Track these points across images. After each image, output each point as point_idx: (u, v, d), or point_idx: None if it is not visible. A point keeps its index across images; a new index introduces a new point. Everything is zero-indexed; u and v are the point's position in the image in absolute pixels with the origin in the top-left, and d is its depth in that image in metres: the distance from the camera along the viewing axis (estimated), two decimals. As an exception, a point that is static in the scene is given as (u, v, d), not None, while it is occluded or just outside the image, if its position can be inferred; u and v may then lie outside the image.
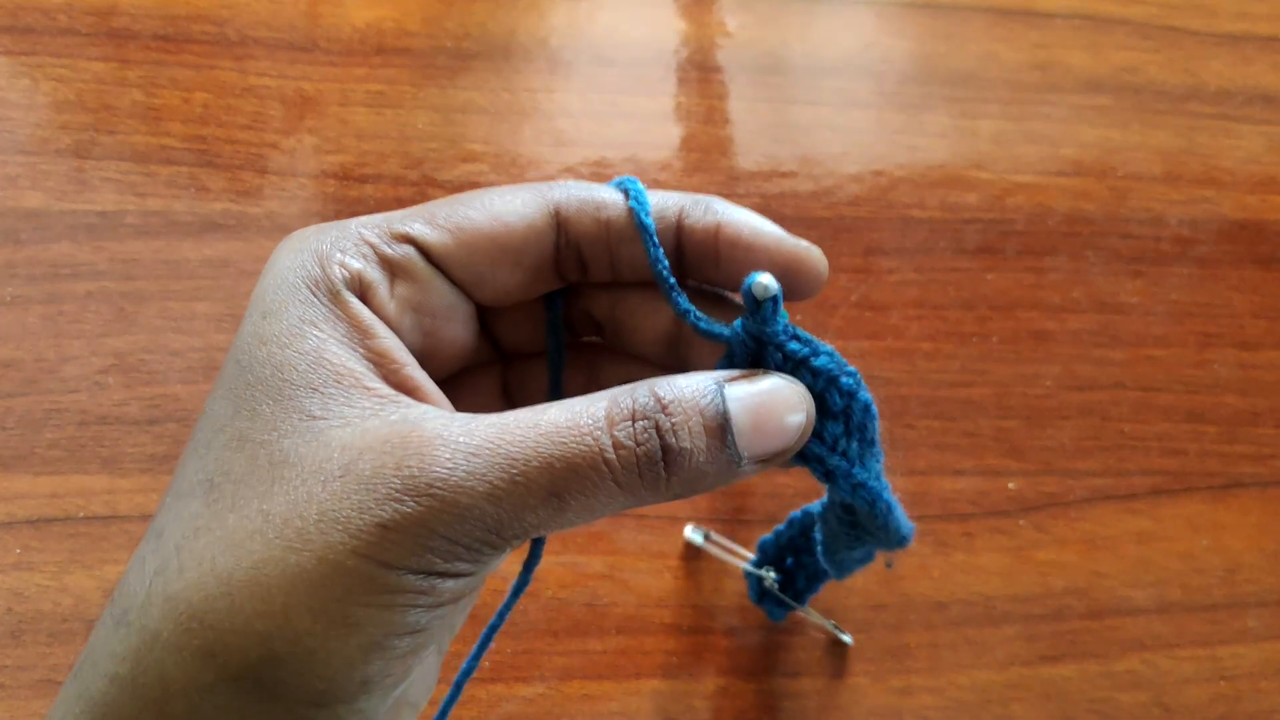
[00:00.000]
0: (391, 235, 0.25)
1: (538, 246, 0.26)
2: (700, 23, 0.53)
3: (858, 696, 0.41)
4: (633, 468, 0.22)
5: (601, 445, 0.22)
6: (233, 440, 0.23)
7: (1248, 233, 0.51)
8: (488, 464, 0.21)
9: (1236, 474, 0.47)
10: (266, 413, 0.23)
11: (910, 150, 0.51)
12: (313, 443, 0.22)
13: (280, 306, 0.24)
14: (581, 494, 0.22)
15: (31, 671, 0.39)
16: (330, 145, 0.48)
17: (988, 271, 0.49)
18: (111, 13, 0.49)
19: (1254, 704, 0.43)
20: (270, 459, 0.22)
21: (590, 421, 0.22)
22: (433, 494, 0.21)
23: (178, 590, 0.22)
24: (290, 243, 0.25)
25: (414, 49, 0.50)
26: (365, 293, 0.24)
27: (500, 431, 0.22)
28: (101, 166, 0.46)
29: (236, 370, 0.23)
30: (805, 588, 0.40)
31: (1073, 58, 0.54)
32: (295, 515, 0.21)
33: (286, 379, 0.23)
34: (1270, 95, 0.54)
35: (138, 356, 0.44)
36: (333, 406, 0.23)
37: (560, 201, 0.26)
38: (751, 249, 0.26)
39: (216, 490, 0.22)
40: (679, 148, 0.50)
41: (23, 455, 0.42)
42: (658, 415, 0.23)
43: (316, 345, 0.23)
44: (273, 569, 0.21)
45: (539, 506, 0.22)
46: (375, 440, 0.22)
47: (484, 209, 0.26)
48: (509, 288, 0.27)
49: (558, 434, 0.22)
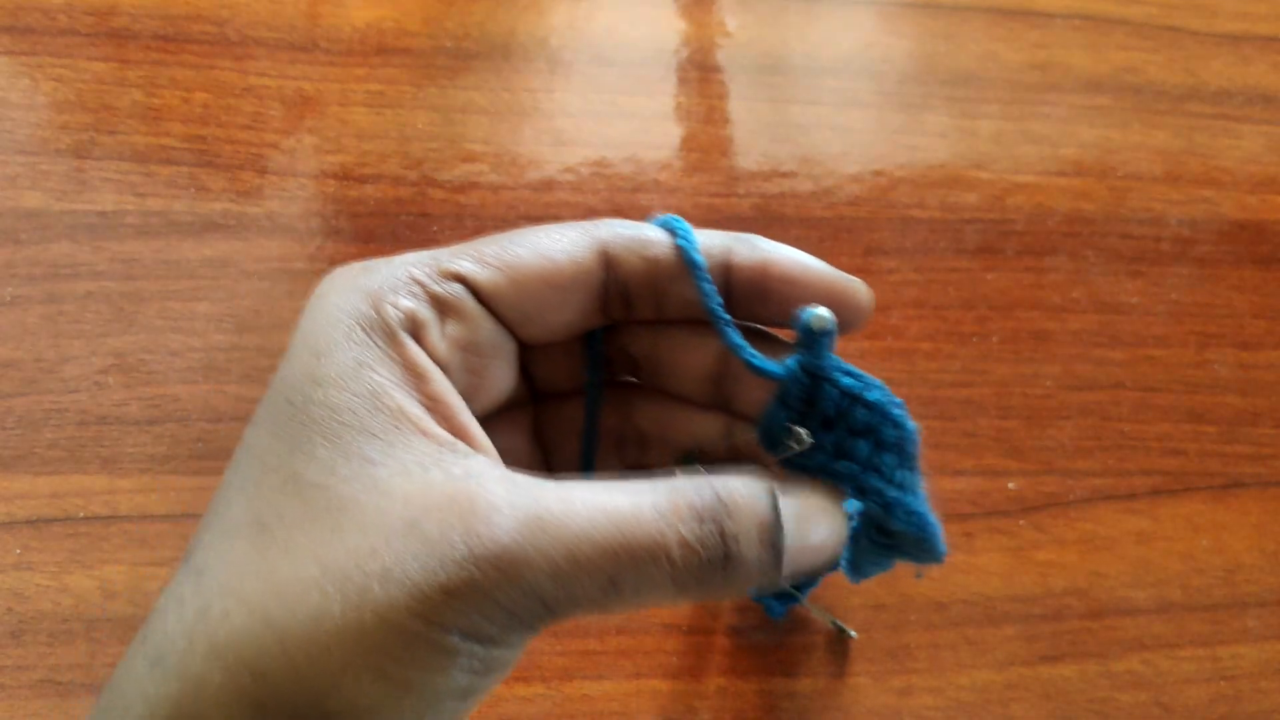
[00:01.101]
0: (440, 273, 0.25)
1: (586, 285, 0.26)
2: (700, 23, 0.53)
3: (858, 696, 0.41)
4: (694, 569, 0.22)
5: (667, 541, 0.22)
6: (286, 482, 0.22)
7: (1248, 233, 0.51)
8: (553, 541, 0.21)
9: (1237, 474, 0.47)
10: (323, 455, 0.22)
11: (910, 150, 0.51)
12: (372, 491, 0.22)
13: (333, 346, 0.23)
14: (637, 584, 0.22)
15: (31, 671, 0.39)
16: (330, 145, 0.48)
17: (988, 271, 0.49)
18: (111, 13, 0.49)
19: (1254, 704, 0.43)
20: (327, 505, 0.22)
21: (656, 515, 0.22)
22: (498, 564, 0.21)
23: (225, 636, 0.21)
24: (336, 281, 0.25)
25: (414, 49, 0.50)
26: (417, 332, 0.24)
27: (567, 508, 0.22)
28: (101, 166, 0.46)
29: (288, 409, 0.23)
30: (806, 581, 0.40)
31: (1073, 58, 0.54)
32: (355, 569, 0.21)
33: (344, 421, 0.22)
34: (1270, 95, 0.54)
35: (138, 356, 0.44)
36: (391, 452, 0.22)
37: (607, 240, 0.26)
38: (801, 284, 0.26)
39: (268, 533, 0.22)
40: (679, 148, 0.50)
41: (23, 455, 0.42)
42: (724, 520, 0.23)
43: (374, 388, 0.23)
44: (330, 624, 0.20)
45: (595, 590, 0.22)
46: (440, 498, 0.21)
47: (532, 247, 0.25)
48: (555, 326, 0.27)
49: (624, 522, 0.22)
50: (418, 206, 0.47)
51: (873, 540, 0.31)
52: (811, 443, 0.26)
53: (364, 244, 0.46)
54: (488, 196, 0.48)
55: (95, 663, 0.40)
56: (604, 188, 0.49)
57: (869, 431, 0.26)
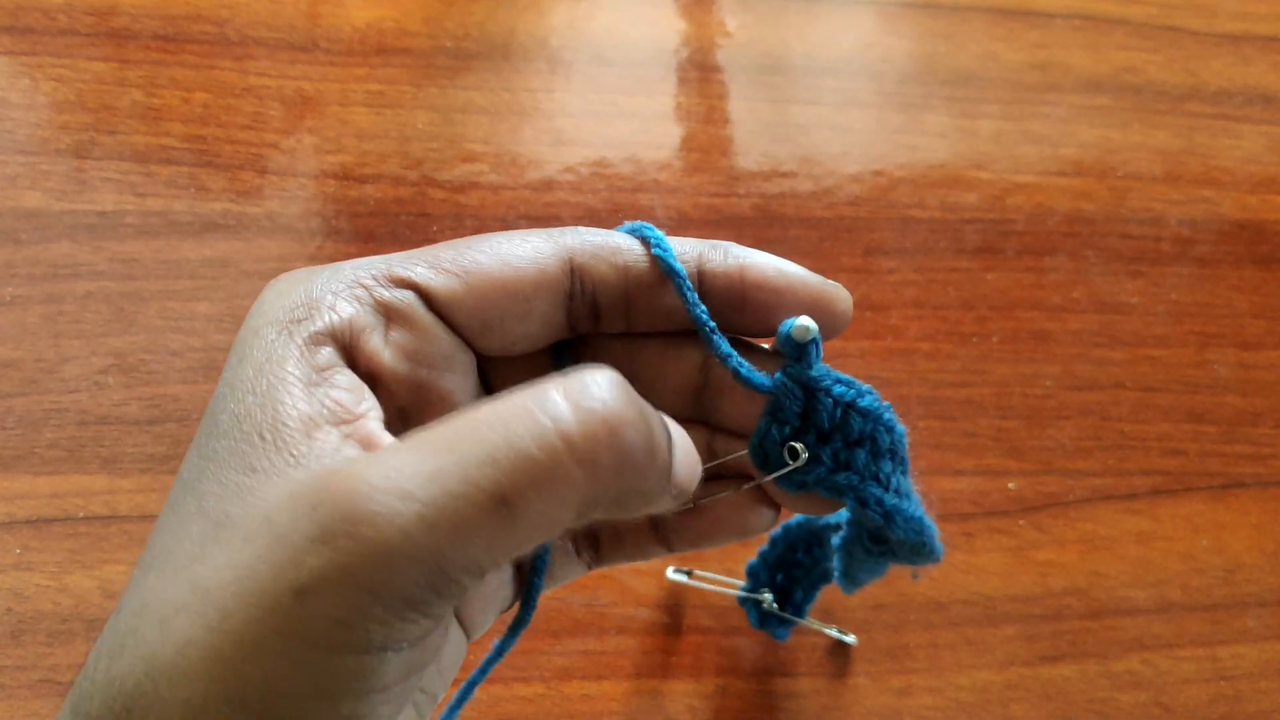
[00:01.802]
0: (390, 279, 0.23)
1: (550, 294, 0.24)
2: (700, 23, 0.53)
3: (858, 696, 0.41)
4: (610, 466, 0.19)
5: (556, 416, 0.18)
6: (189, 501, 0.21)
7: (1248, 233, 0.51)
8: (413, 477, 0.18)
9: (1236, 474, 0.47)
10: (218, 468, 0.21)
11: (910, 150, 0.51)
12: (246, 499, 0.20)
13: (252, 352, 0.22)
14: (537, 490, 0.18)
15: (31, 671, 0.39)
16: (330, 145, 0.48)
17: (988, 271, 0.49)
18: (111, 13, 0.49)
19: (1254, 704, 0.43)
20: (211, 521, 0.20)
21: (538, 397, 0.19)
22: (350, 534, 0.17)
23: (117, 673, 0.19)
24: (277, 284, 0.23)
25: (414, 49, 0.50)
26: (356, 338, 0.22)
27: (426, 437, 0.19)
28: (101, 166, 0.46)
29: (209, 420, 0.22)
30: (804, 599, 0.40)
31: (1073, 58, 0.54)
32: (217, 586, 0.19)
33: (242, 429, 0.21)
34: (1270, 95, 0.54)
35: (138, 356, 0.44)
36: (277, 458, 0.20)
37: (574, 247, 0.24)
38: (778, 291, 0.25)
39: (157, 556, 0.20)
40: (679, 148, 0.50)
41: (23, 455, 0.42)
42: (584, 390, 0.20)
43: (275, 391, 0.21)
44: (195, 652, 0.18)
45: (485, 522, 0.18)
46: (295, 488, 0.19)
47: (492, 253, 0.24)
48: (516, 338, 0.25)
49: (498, 420, 0.18)
50: (418, 206, 0.47)
51: (867, 548, 0.30)
52: (810, 457, 0.25)
53: (364, 244, 0.46)
54: (488, 196, 0.48)
55: (95, 663, 0.40)
56: (604, 188, 0.49)
57: (865, 439, 0.25)
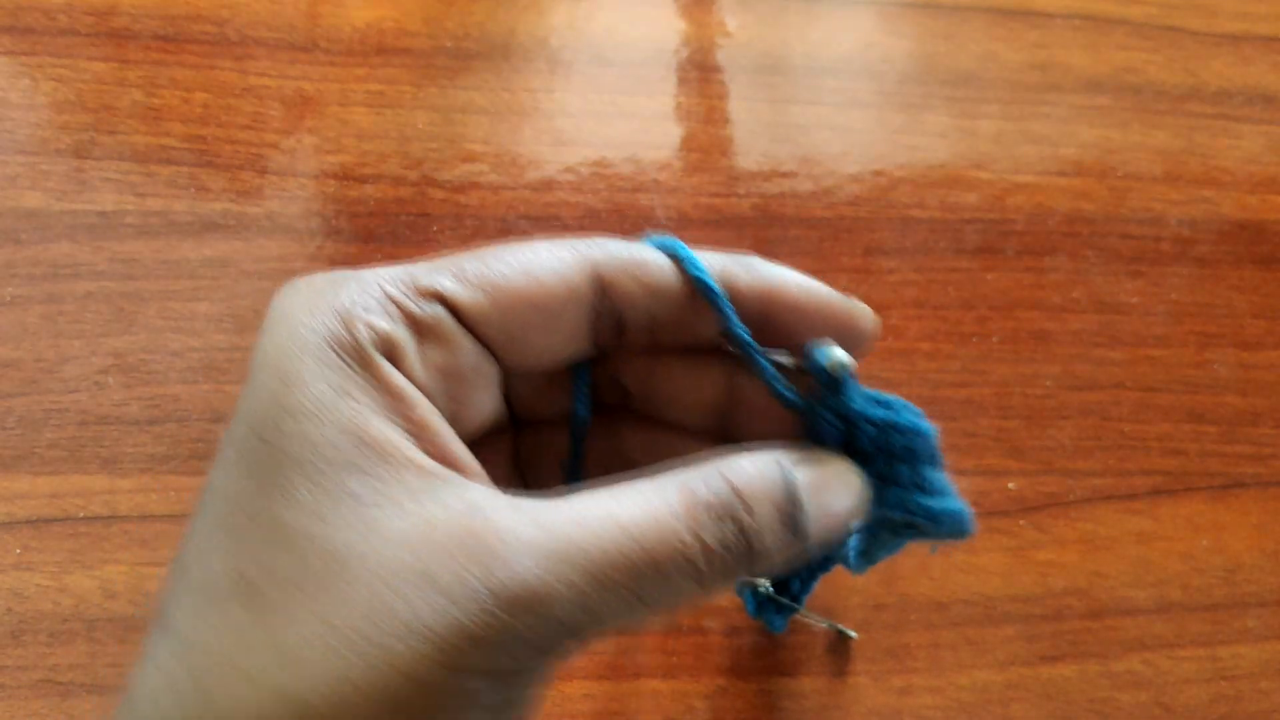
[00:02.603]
0: (418, 291, 0.23)
1: (575, 310, 0.24)
2: (700, 23, 0.53)
3: (858, 696, 0.41)
4: (717, 568, 0.21)
5: (688, 548, 0.21)
6: (269, 531, 0.20)
7: (1248, 233, 0.51)
8: (573, 568, 0.20)
9: (1237, 474, 0.47)
10: (306, 499, 0.20)
11: (910, 150, 0.51)
12: (370, 537, 0.20)
13: (305, 372, 0.21)
14: (662, 594, 0.21)
15: (31, 671, 0.39)
16: (330, 145, 0.48)
17: (988, 271, 0.49)
18: (111, 13, 0.49)
19: (1254, 704, 0.43)
20: (322, 556, 0.20)
21: (673, 520, 0.21)
22: (521, 603, 0.19)
23: (230, 714, 0.19)
24: (300, 296, 0.22)
25: (414, 49, 0.50)
26: (394, 356, 0.22)
27: (579, 529, 0.20)
28: (101, 166, 0.46)
29: (259, 446, 0.21)
30: (801, 589, 0.40)
31: (1073, 58, 0.54)
32: (370, 626, 0.19)
33: (325, 457, 0.20)
34: (1270, 95, 0.54)
35: (138, 356, 0.44)
36: (382, 489, 0.20)
37: (601, 261, 0.24)
38: (806, 312, 0.25)
39: (260, 594, 0.20)
40: (679, 148, 0.50)
41: (23, 455, 0.42)
42: (739, 513, 0.22)
43: (354, 418, 0.21)
44: (351, 689, 0.19)
45: (620, 608, 0.21)
46: (447, 539, 0.20)
47: (519, 267, 0.23)
48: (540, 352, 0.24)
49: (642, 535, 0.21)
50: (418, 206, 0.47)
51: (896, 532, 0.30)
52: None
53: (364, 244, 0.46)
54: (488, 196, 0.48)
55: (95, 663, 0.40)
56: (604, 188, 0.49)
57: (906, 452, 0.25)
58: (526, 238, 0.49)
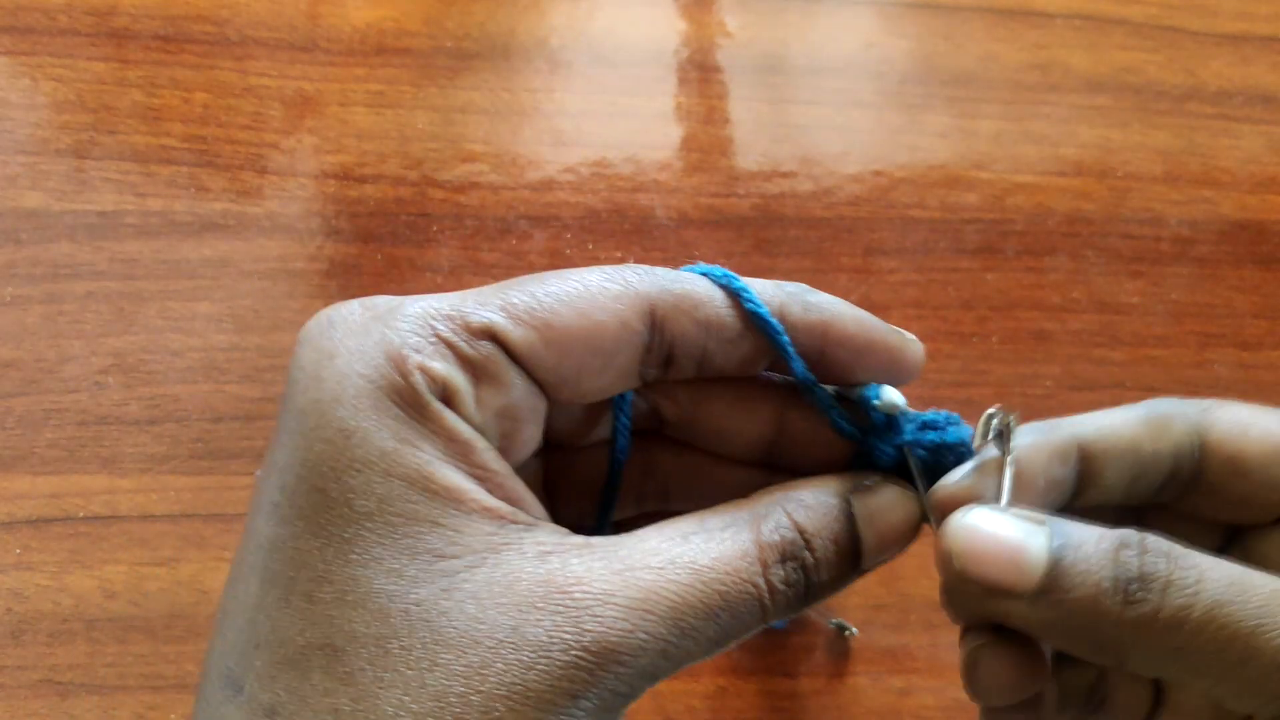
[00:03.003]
0: (469, 329, 0.22)
1: (629, 348, 0.23)
2: (700, 23, 0.53)
3: (858, 696, 0.41)
4: (785, 606, 0.22)
5: (760, 592, 0.22)
6: (348, 593, 0.20)
7: (1248, 233, 0.51)
8: (657, 619, 0.20)
9: (1236, 474, 0.46)
10: (381, 555, 0.20)
11: (910, 150, 0.51)
12: (453, 593, 0.20)
13: (364, 423, 0.20)
14: (734, 634, 0.22)
15: (31, 671, 0.39)
16: (330, 145, 0.48)
17: (988, 271, 0.49)
18: (111, 13, 0.49)
19: (1254, 704, 0.43)
20: (404, 616, 0.19)
21: (746, 564, 0.22)
22: (612, 657, 0.20)
23: None
24: (342, 334, 0.22)
25: (414, 49, 0.50)
26: (451, 402, 0.21)
27: (659, 577, 0.21)
28: (101, 166, 0.46)
29: (322, 500, 0.20)
30: None
31: (1073, 58, 0.54)
32: (471, 691, 0.19)
33: (396, 511, 0.20)
34: (1270, 95, 0.54)
35: (138, 356, 0.44)
36: (457, 539, 0.20)
37: (654, 298, 0.23)
38: (857, 346, 0.25)
39: (341, 658, 0.19)
40: (679, 148, 0.50)
41: (23, 455, 0.42)
42: (803, 553, 0.22)
43: (420, 468, 0.20)
44: None
45: (697, 652, 0.21)
46: (532, 594, 0.20)
47: (572, 304, 0.22)
48: (590, 390, 0.24)
49: (717, 580, 0.21)
50: (418, 206, 0.47)
51: None
52: None
53: (364, 244, 0.46)
54: (488, 196, 0.48)
55: (95, 663, 0.40)
56: (604, 188, 0.49)
57: (958, 464, 0.25)
58: (527, 238, 0.49)
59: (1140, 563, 0.21)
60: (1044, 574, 0.21)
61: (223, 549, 0.42)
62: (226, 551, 0.42)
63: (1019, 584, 0.21)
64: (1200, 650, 0.20)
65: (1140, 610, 0.20)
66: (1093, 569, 0.21)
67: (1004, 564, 0.21)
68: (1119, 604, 0.21)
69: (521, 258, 0.47)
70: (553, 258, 0.47)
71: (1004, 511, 0.22)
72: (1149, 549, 0.21)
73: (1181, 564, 0.21)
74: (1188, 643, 0.20)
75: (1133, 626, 0.21)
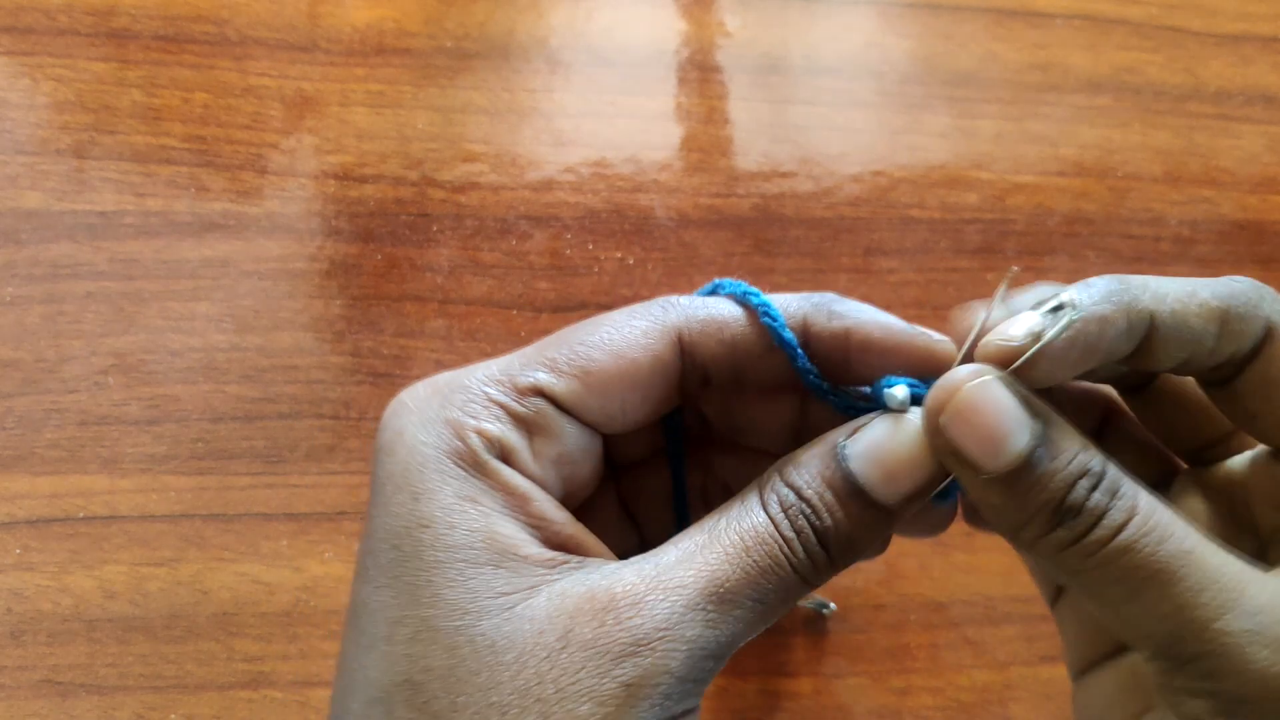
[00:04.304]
0: (518, 389, 0.24)
1: (664, 378, 0.26)
2: (700, 23, 0.53)
3: (858, 696, 0.41)
4: (811, 565, 0.23)
5: (784, 549, 0.23)
6: (420, 632, 0.22)
7: (1248, 233, 0.51)
8: (697, 593, 0.22)
9: (1236, 474, 0.47)
10: (450, 597, 0.22)
11: (910, 150, 0.51)
12: (513, 620, 0.22)
13: (431, 486, 0.23)
14: (776, 593, 0.23)
15: (31, 671, 0.39)
16: (330, 145, 0.48)
17: (988, 271, 0.49)
18: (111, 13, 0.49)
19: (1254, 704, 0.43)
20: (473, 645, 0.22)
21: (763, 530, 0.23)
22: (663, 639, 0.21)
23: None
24: (410, 414, 0.24)
25: (414, 49, 0.50)
26: (509, 458, 0.24)
27: (694, 565, 0.23)
28: (101, 166, 0.46)
29: (397, 556, 0.23)
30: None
31: (1073, 58, 0.54)
32: (532, 699, 0.21)
33: (462, 559, 0.22)
34: (1270, 95, 0.54)
35: (138, 356, 0.44)
36: (515, 580, 0.22)
37: (681, 326, 0.25)
38: (884, 352, 0.26)
39: (422, 691, 0.21)
40: (679, 148, 0.50)
41: (23, 455, 0.42)
42: (798, 503, 0.23)
43: (484, 522, 0.23)
44: None
45: (746, 617, 0.23)
46: (580, 604, 0.22)
47: (605, 347, 0.25)
48: (637, 419, 0.26)
49: (742, 550, 0.23)
50: (418, 206, 0.47)
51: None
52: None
53: (364, 244, 0.46)
54: (488, 196, 0.48)
55: (95, 663, 0.40)
56: (604, 188, 0.49)
57: None
58: (527, 238, 0.49)
59: (1087, 497, 0.22)
60: (1007, 469, 0.22)
61: (223, 549, 0.42)
62: (227, 551, 0.42)
63: (983, 465, 0.22)
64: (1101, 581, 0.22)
65: (1060, 536, 0.22)
66: (1047, 488, 0.22)
67: (983, 441, 0.22)
68: (1046, 524, 0.22)
69: (521, 258, 0.47)
70: (553, 257, 0.47)
71: (1010, 388, 0.23)
72: (1103, 485, 0.22)
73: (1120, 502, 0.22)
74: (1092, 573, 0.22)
75: (1051, 547, 0.23)
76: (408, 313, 0.46)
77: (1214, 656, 0.21)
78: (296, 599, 0.42)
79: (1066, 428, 0.23)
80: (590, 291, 0.47)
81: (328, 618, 0.42)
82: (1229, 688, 0.21)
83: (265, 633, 0.41)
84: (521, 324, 0.46)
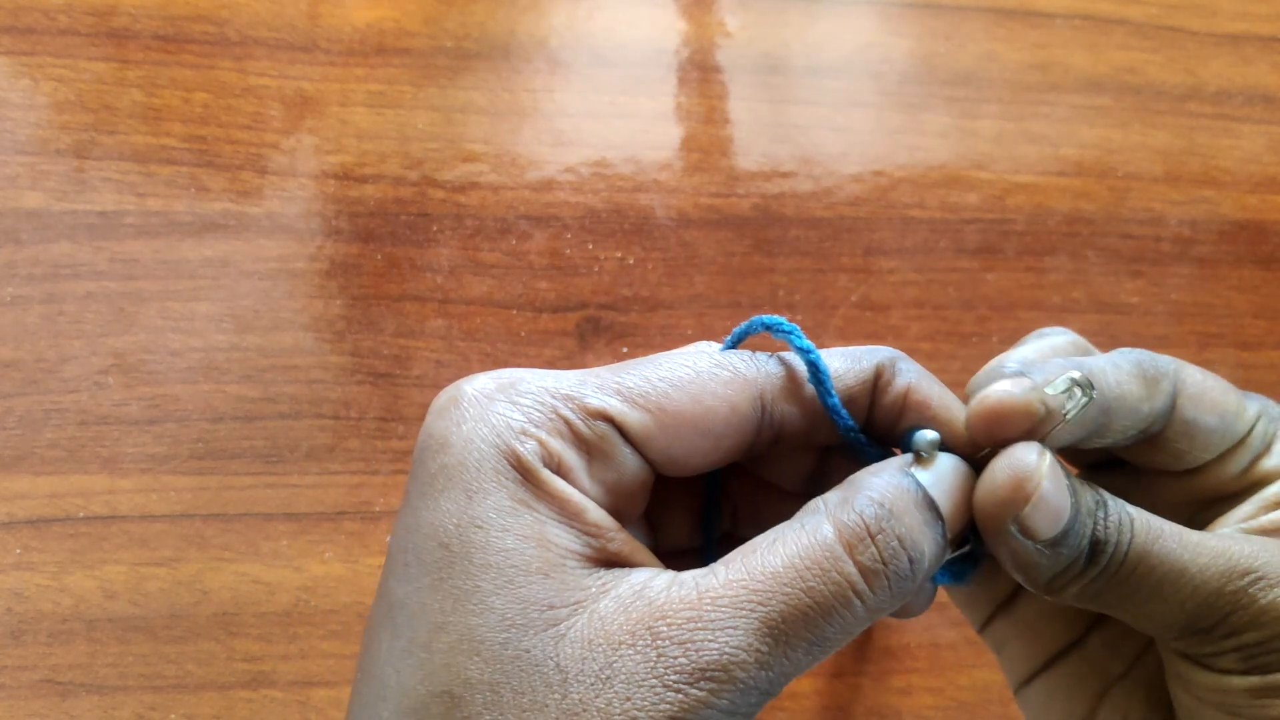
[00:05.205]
0: (586, 411, 0.24)
1: (739, 431, 0.25)
2: (700, 23, 0.53)
3: (858, 696, 0.41)
4: (885, 589, 0.22)
5: (849, 577, 0.22)
6: (463, 641, 0.21)
7: (1248, 233, 0.51)
8: (748, 632, 0.21)
9: (1236, 474, 0.47)
10: (497, 605, 0.21)
11: (910, 150, 0.51)
12: (559, 640, 0.21)
13: (488, 486, 0.22)
14: (839, 630, 0.22)
15: (31, 672, 0.39)
16: (330, 145, 0.48)
17: (988, 271, 0.49)
18: (111, 13, 0.49)
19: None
20: (517, 662, 0.21)
21: (827, 556, 0.22)
22: (710, 677, 0.21)
23: None
24: (471, 405, 0.24)
25: (414, 49, 0.50)
26: (564, 472, 0.23)
27: (743, 591, 0.21)
28: (101, 166, 0.46)
29: (444, 555, 0.22)
30: None
31: (1073, 58, 0.54)
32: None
33: (515, 565, 0.22)
34: (1270, 95, 0.54)
35: (138, 356, 0.44)
36: (564, 593, 0.22)
37: (763, 386, 0.25)
38: (935, 418, 0.26)
39: (461, 705, 0.21)
40: (679, 148, 0.50)
41: (23, 455, 0.42)
42: (892, 524, 0.22)
43: (538, 529, 0.22)
44: None
45: (803, 656, 0.22)
46: (622, 631, 0.21)
47: (683, 389, 0.24)
48: (698, 465, 0.26)
49: (800, 578, 0.22)
50: (418, 206, 0.47)
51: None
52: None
53: (364, 244, 0.46)
54: (488, 196, 0.48)
55: (95, 663, 0.40)
56: (604, 188, 0.49)
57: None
58: (527, 238, 0.49)
59: (1105, 528, 0.23)
60: (1054, 536, 0.23)
61: (223, 549, 0.42)
62: (227, 551, 0.42)
63: (1042, 535, 0.23)
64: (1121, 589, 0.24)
65: (1091, 572, 0.24)
66: (1083, 535, 0.23)
67: (1049, 517, 0.23)
68: (1084, 565, 0.24)
69: (521, 258, 0.47)
70: (553, 257, 0.47)
71: (1054, 466, 0.23)
72: (1110, 510, 0.24)
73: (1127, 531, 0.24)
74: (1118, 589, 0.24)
75: (1085, 582, 0.24)
76: (408, 313, 0.46)
77: (1238, 611, 0.23)
78: (296, 599, 0.42)
79: (1074, 478, 0.24)
80: (590, 291, 0.47)
81: (328, 618, 0.42)
82: (1253, 636, 0.23)
83: (265, 633, 0.41)
84: (521, 324, 0.46)
